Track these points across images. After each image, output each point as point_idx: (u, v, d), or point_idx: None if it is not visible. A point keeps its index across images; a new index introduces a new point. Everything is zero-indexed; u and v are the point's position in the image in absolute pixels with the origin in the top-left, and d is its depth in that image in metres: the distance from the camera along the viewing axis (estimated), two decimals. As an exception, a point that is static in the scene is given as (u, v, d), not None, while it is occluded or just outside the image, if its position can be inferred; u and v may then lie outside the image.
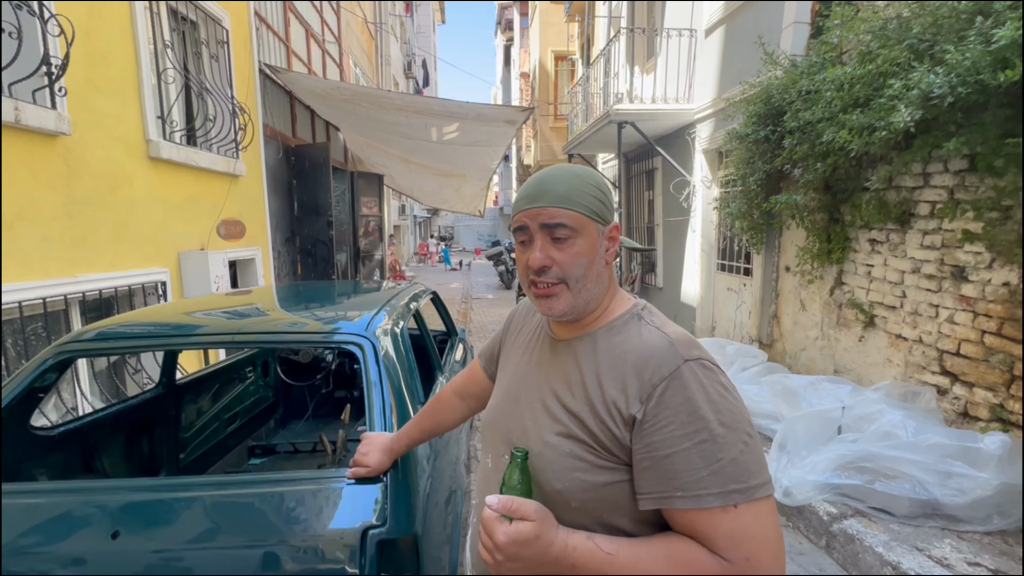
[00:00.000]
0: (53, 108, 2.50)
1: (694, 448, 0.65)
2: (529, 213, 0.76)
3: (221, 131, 4.16)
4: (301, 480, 1.27)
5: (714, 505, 0.64)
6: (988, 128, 2.25)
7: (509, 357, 0.95)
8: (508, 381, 0.90)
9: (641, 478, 0.69)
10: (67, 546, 1.14)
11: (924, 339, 2.88)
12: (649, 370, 0.70)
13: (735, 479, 0.64)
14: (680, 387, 0.67)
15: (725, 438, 0.65)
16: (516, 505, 0.66)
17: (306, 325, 1.65)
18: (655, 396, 0.68)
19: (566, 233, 0.74)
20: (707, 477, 0.64)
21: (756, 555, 0.63)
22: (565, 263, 0.75)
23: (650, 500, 0.68)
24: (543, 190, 0.76)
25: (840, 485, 2.35)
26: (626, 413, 0.70)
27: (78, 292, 2.72)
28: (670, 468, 0.66)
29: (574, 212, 0.75)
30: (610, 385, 0.72)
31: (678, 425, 0.66)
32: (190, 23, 4.03)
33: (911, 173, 2.89)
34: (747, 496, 0.64)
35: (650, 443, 0.67)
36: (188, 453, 2.33)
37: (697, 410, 0.66)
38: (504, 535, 0.64)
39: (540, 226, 0.75)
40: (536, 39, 14.84)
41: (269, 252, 5.15)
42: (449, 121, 6.56)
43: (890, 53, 2.65)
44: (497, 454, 0.85)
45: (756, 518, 0.64)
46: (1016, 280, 2.37)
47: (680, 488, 0.65)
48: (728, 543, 0.63)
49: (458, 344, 3.01)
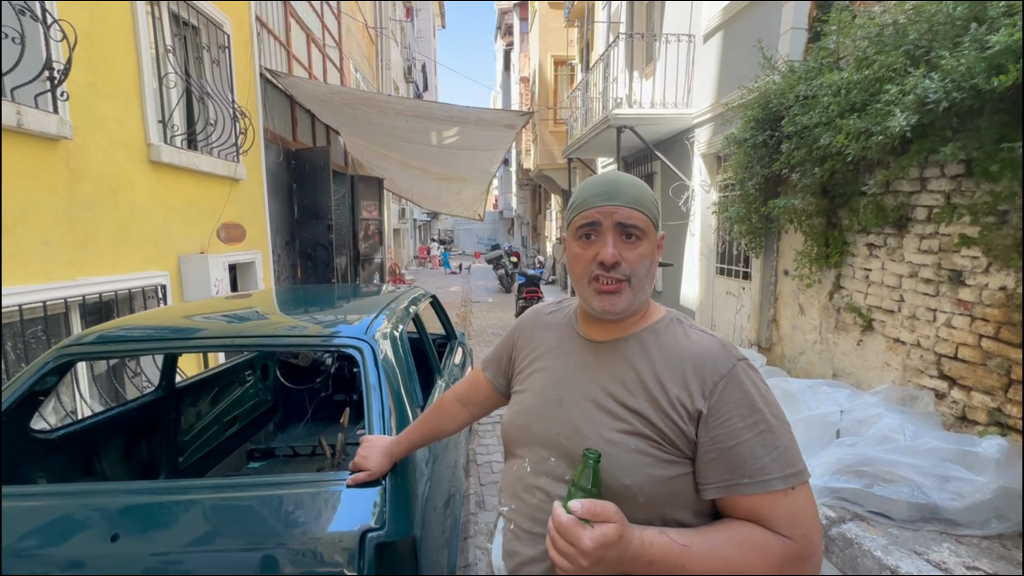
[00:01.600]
0: (55, 112, 2.52)
1: (756, 438, 0.71)
2: (604, 210, 0.79)
3: (222, 135, 4.17)
4: (300, 483, 1.27)
5: (777, 488, 0.70)
6: (984, 133, 2.27)
7: (533, 363, 0.94)
8: (542, 385, 0.89)
9: (707, 469, 0.73)
10: (66, 549, 1.14)
11: (922, 343, 2.89)
12: (708, 368, 0.76)
13: (790, 464, 0.71)
14: (737, 384, 0.74)
15: (778, 428, 0.73)
16: (599, 508, 0.66)
17: (305, 328, 1.66)
18: (716, 392, 0.74)
19: (637, 233, 0.79)
20: (769, 464, 0.71)
21: (811, 530, 0.70)
22: (633, 262, 0.79)
23: (716, 489, 0.73)
24: (618, 190, 0.80)
25: (839, 489, 2.35)
26: (692, 408, 0.74)
27: (78, 295, 2.72)
28: (736, 457, 0.71)
29: (645, 216, 0.80)
30: (671, 383, 0.77)
31: (739, 418, 0.72)
32: (191, 28, 4.06)
33: (908, 178, 2.91)
34: (800, 479, 0.71)
35: (715, 435, 0.73)
36: (187, 456, 2.33)
37: (754, 404, 0.73)
38: (591, 540, 0.64)
39: (615, 224, 0.79)
40: (536, 44, 14.90)
41: (269, 256, 5.16)
42: (449, 125, 6.59)
43: (886, 58, 2.67)
44: (538, 458, 0.85)
45: (807, 498, 0.72)
46: (1013, 284, 2.38)
47: (747, 475, 0.71)
48: (789, 523, 0.70)
49: (457, 348, 3.02)
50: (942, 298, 2.75)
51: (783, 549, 0.69)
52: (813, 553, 0.70)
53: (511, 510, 0.87)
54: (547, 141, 13.70)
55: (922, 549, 2.06)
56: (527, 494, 0.84)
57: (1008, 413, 2.42)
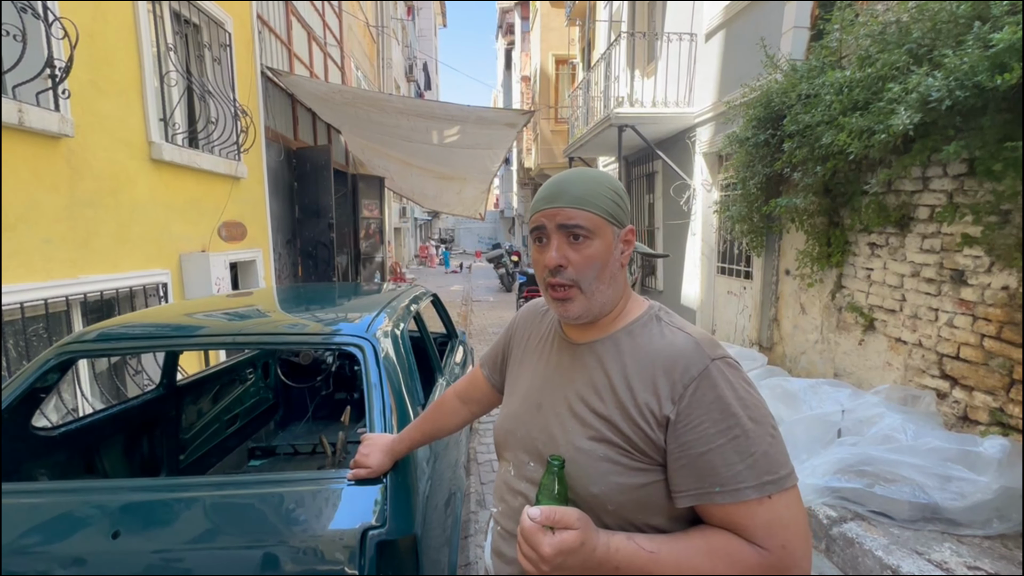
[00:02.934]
0: (56, 110, 2.52)
1: (728, 444, 0.67)
2: (547, 213, 0.77)
3: (223, 133, 4.17)
4: (301, 481, 1.27)
5: (751, 498, 0.66)
6: (986, 132, 2.26)
7: (521, 363, 0.94)
8: (526, 387, 0.89)
9: (678, 476, 0.70)
10: (68, 546, 1.14)
11: (924, 343, 2.88)
12: (678, 371, 0.72)
13: (768, 471, 0.67)
14: (710, 386, 0.70)
15: (755, 432, 0.68)
16: (559, 515, 0.65)
17: (307, 327, 1.65)
18: (687, 396, 0.70)
19: (583, 233, 0.76)
20: (743, 471, 0.66)
21: (791, 541, 0.66)
22: (579, 264, 0.76)
23: (688, 497, 0.70)
24: (561, 191, 0.77)
25: (840, 489, 2.35)
26: (659, 414, 0.71)
27: (80, 293, 2.73)
28: (706, 465, 0.68)
29: (590, 213, 0.76)
30: (640, 387, 0.73)
31: (711, 423, 0.68)
32: (193, 26, 4.06)
33: (910, 177, 2.90)
34: (779, 486, 0.67)
35: (685, 442, 0.69)
36: (188, 454, 2.33)
37: (728, 407, 0.68)
38: (549, 546, 0.63)
39: (557, 226, 0.76)
40: (537, 43, 14.88)
41: (270, 254, 5.16)
42: (450, 124, 6.59)
43: (889, 57, 2.66)
44: (520, 462, 0.85)
45: (788, 506, 0.67)
46: (1015, 284, 2.37)
47: (718, 484, 0.67)
48: (765, 532, 0.66)
49: (458, 346, 3.01)
50: (944, 298, 2.75)
51: (757, 560, 0.65)
52: (794, 564, 0.66)
53: (499, 512, 0.88)
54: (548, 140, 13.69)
55: (923, 549, 2.06)
56: (511, 497, 0.85)
57: (1010, 413, 2.41)
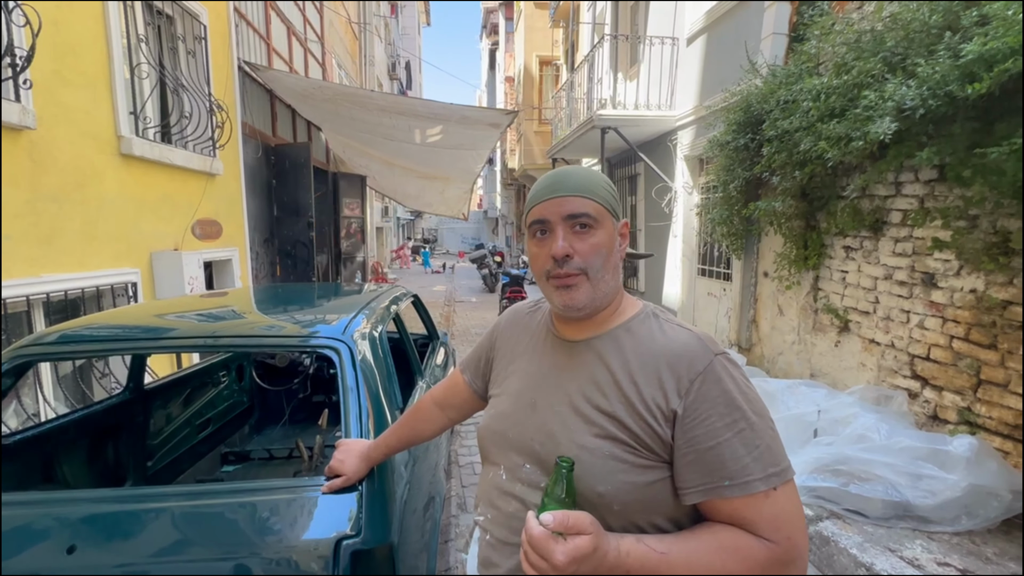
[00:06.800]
0: (17, 101, 2.40)
1: (735, 437, 0.68)
2: (550, 203, 0.76)
3: (197, 128, 4.05)
4: (274, 489, 1.22)
5: (759, 490, 0.66)
6: (957, 139, 2.33)
7: (509, 365, 0.92)
8: (517, 388, 0.86)
9: (686, 471, 0.70)
10: (16, 564, 1.08)
11: (896, 344, 2.95)
12: (684, 366, 0.72)
13: (772, 463, 0.68)
14: (715, 381, 0.70)
15: (759, 426, 0.69)
16: (572, 520, 0.62)
17: (282, 328, 1.61)
18: (693, 391, 0.70)
19: (588, 222, 0.75)
20: (750, 464, 0.67)
21: (795, 534, 0.67)
22: (586, 253, 0.75)
23: (696, 493, 0.69)
24: (562, 182, 0.77)
25: (816, 488, 2.39)
26: (667, 409, 0.71)
27: (42, 293, 2.61)
28: (715, 459, 0.68)
29: (595, 202, 0.76)
30: (645, 383, 0.73)
31: (718, 417, 0.69)
32: (166, 17, 3.93)
33: (884, 182, 2.97)
34: (782, 478, 0.68)
35: (693, 437, 0.69)
36: (157, 461, 2.25)
37: (733, 401, 0.69)
38: (563, 555, 0.60)
39: (563, 217, 0.75)
40: (521, 44, 14.90)
41: (247, 253, 5.04)
42: (433, 123, 6.53)
43: (864, 65, 2.72)
44: (513, 465, 0.81)
45: (789, 499, 0.68)
46: (983, 287, 2.45)
47: (727, 477, 0.67)
48: (771, 525, 0.67)
49: (439, 348, 2.98)
50: (915, 300, 2.82)
51: (766, 553, 0.66)
52: (798, 556, 0.67)
53: (487, 519, 0.84)
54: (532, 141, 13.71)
55: (896, 546, 2.10)
56: (503, 502, 0.82)
57: (977, 412, 2.48)
